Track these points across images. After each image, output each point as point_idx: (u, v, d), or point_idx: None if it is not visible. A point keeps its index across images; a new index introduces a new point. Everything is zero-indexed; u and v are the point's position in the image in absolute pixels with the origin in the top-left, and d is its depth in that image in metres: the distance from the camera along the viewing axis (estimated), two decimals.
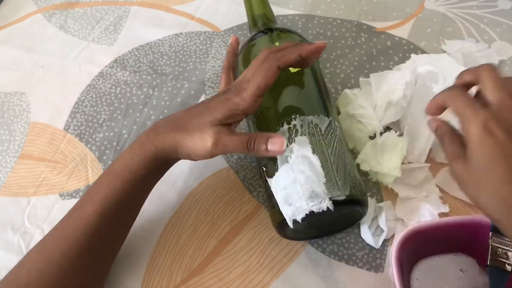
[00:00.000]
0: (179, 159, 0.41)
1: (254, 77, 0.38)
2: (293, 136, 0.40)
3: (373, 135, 0.50)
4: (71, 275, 0.38)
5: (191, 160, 0.40)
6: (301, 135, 0.40)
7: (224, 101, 0.38)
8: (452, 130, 0.35)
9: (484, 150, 0.31)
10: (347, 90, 0.52)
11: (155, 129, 0.40)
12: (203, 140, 0.37)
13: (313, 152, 0.39)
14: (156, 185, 0.43)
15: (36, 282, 0.37)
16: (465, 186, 0.33)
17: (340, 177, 0.39)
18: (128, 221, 0.43)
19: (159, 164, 0.41)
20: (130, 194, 0.40)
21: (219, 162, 0.51)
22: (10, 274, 0.38)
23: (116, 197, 0.39)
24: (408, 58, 0.56)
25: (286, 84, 0.44)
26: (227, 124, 0.39)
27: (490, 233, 0.38)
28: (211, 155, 0.38)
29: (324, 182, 0.38)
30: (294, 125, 0.41)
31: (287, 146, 0.40)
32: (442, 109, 0.35)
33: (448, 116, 0.36)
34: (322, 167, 0.38)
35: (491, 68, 0.33)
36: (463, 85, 0.35)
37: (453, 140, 0.34)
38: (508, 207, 0.30)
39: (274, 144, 0.37)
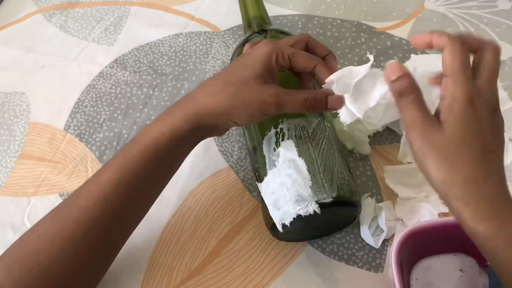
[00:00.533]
0: (213, 131, 0.39)
1: (299, 54, 0.38)
2: (280, 140, 0.40)
3: (372, 135, 0.50)
4: (83, 245, 0.36)
5: (236, 125, 0.38)
6: (288, 139, 0.40)
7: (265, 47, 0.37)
8: (420, 90, 0.32)
9: (467, 122, 0.30)
10: None
11: (189, 98, 0.38)
12: (262, 102, 0.36)
13: (299, 155, 0.39)
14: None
15: (46, 249, 0.35)
16: (440, 156, 0.30)
17: (327, 179, 0.39)
18: (147, 196, 0.40)
19: (190, 135, 0.37)
20: (150, 164, 0.37)
21: (219, 162, 0.51)
22: (19, 241, 0.36)
23: (134, 165, 0.36)
24: (408, 58, 0.56)
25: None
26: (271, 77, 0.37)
27: None
28: (264, 117, 0.37)
29: (310, 185, 0.38)
30: (281, 129, 0.40)
31: (274, 150, 0.40)
32: (428, 46, 0.32)
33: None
34: (308, 170, 0.38)
35: (498, 49, 0.31)
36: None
37: (422, 104, 0.31)
38: (474, 185, 0.29)
39: (334, 102, 0.37)
